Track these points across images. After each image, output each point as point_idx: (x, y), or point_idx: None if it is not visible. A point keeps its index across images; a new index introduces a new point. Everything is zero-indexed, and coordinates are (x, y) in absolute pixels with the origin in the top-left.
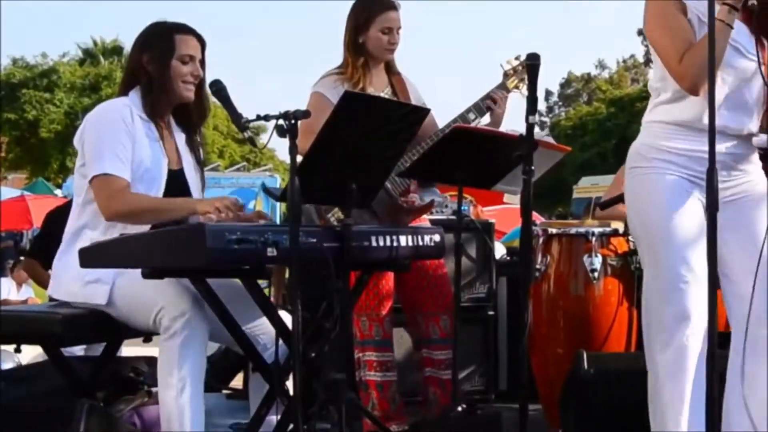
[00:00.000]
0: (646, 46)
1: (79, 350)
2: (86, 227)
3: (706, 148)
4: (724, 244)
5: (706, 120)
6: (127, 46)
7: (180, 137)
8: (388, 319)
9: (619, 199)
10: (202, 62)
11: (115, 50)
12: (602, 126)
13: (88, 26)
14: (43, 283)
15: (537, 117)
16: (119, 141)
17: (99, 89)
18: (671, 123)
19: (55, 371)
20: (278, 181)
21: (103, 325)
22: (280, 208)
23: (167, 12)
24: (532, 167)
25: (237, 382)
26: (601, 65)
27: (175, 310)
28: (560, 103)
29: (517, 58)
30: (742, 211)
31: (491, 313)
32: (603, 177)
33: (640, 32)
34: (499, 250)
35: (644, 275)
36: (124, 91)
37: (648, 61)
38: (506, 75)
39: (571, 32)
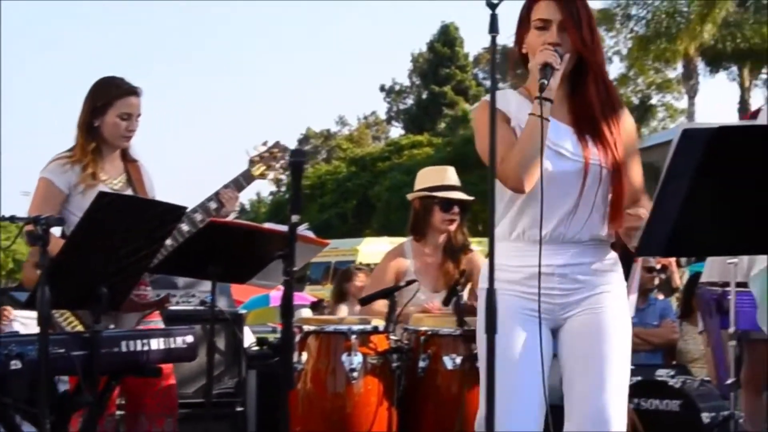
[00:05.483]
0: (389, 102)
1: None
2: None
3: (541, 261)
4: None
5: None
6: None
7: None
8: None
9: (379, 295)
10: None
11: None
12: (342, 186)
13: None
14: None
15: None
16: None
17: None
18: (507, 239)
19: None
20: None
21: None
22: None
23: None
24: (294, 268)
25: None
26: (342, 122)
27: None
28: None
29: (264, 144)
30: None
31: (240, 408)
32: (342, 241)
33: (382, 88)
34: (247, 338)
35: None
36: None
37: (390, 119)
38: (252, 162)
39: (310, 87)
